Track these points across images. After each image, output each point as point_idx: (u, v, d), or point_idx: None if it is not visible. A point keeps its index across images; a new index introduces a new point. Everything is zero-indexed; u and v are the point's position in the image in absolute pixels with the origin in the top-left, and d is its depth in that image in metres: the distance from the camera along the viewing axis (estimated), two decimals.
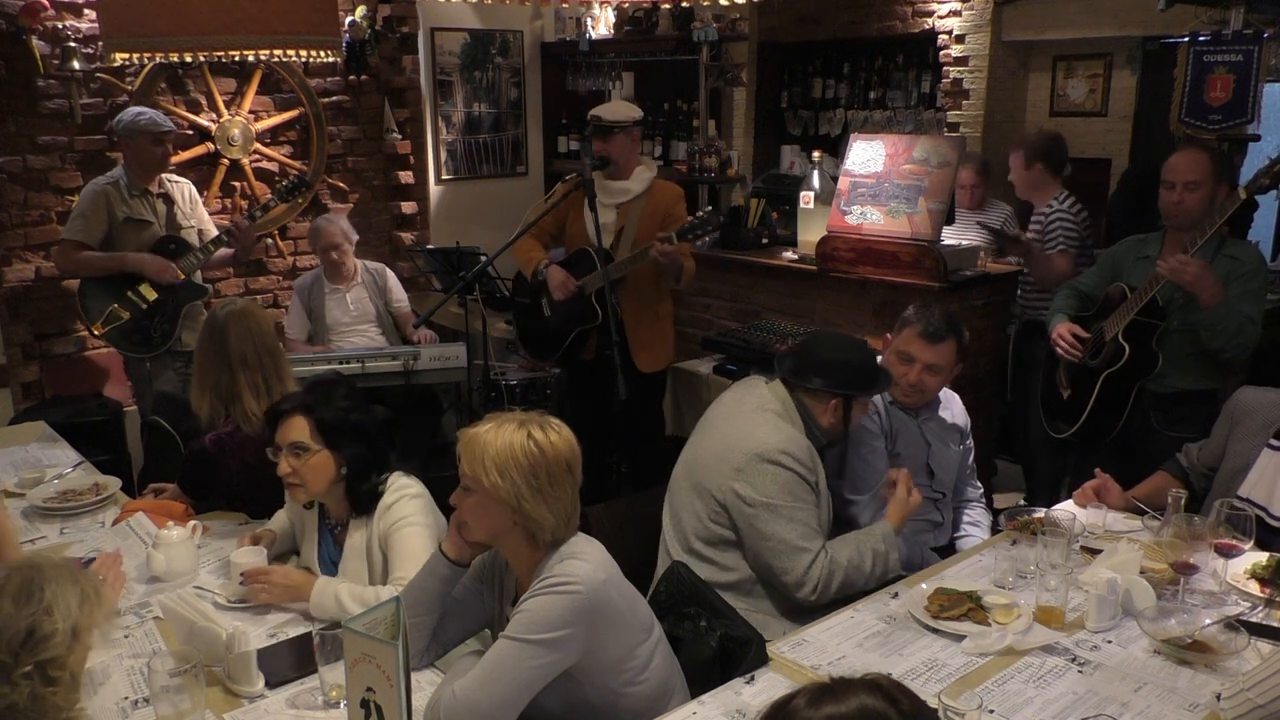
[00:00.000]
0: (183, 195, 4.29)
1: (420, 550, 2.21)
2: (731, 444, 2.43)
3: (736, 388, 2.66)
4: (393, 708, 1.63)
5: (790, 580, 2.34)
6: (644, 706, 1.91)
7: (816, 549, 2.35)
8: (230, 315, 2.83)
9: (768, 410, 2.48)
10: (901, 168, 4.19)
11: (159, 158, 4.14)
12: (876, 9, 5.98)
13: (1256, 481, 2.43)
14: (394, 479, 2.35)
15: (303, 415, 2.29)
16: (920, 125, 5.97)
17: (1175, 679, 1.90)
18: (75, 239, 4.06)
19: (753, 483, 2.36)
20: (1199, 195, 3.12)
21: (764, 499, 2.35)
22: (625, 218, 3.86)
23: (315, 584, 2.21)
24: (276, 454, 2.30)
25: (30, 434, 3.48)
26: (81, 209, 4.08)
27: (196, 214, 4.33)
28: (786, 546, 2.34)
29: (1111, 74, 5.59)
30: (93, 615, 1.46)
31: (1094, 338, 3.32)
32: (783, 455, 2.37)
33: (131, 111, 4.13)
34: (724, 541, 2.43)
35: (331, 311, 4.52)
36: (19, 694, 1.37)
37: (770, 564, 2.36)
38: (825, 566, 2.34)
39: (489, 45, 6.24)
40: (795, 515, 2.35)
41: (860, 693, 1.13)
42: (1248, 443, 2.50)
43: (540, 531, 1.85)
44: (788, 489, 2.36)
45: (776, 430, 2.42)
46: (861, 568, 2.38)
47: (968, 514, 2.95)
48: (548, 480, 1.82)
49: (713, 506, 2.43)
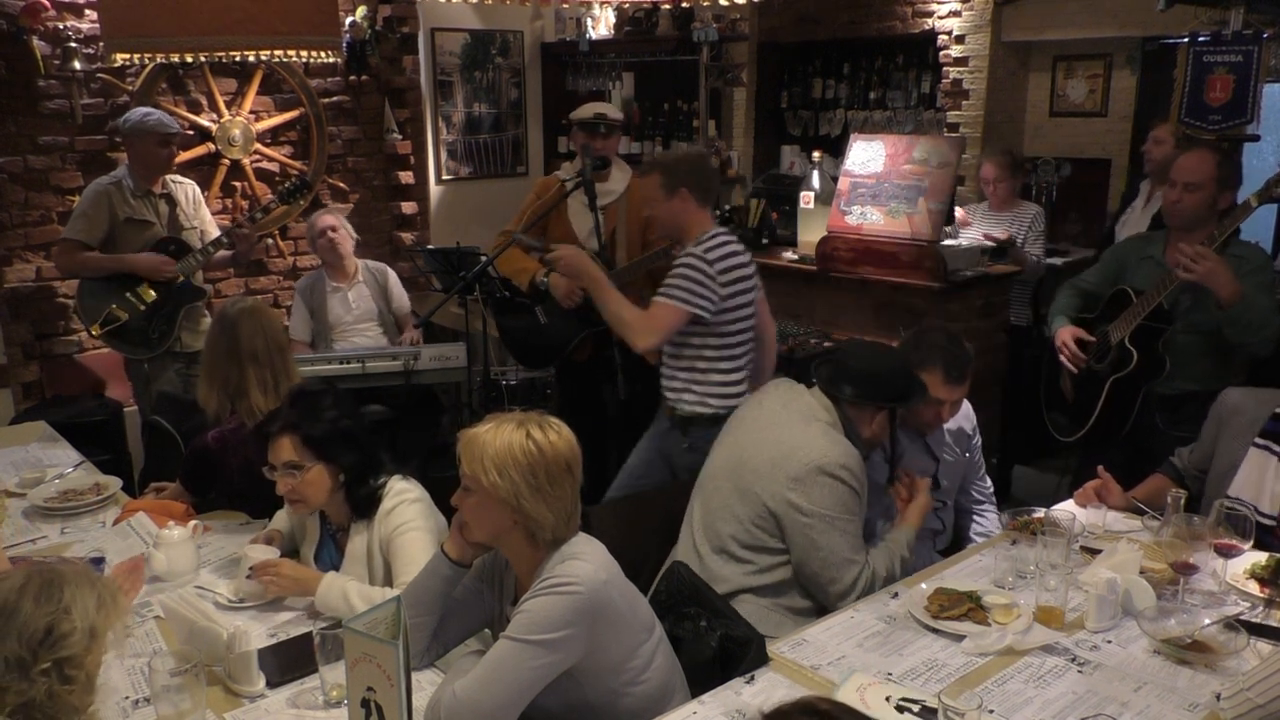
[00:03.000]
0: (186, 196, 4.29)
1: (422, 555, 2.21)
2: (787, 452, 2.41)
3: (775, 391, 2.64)
4: (393, 708, 1.63)
5: (836, 590, 2.37)
6: (645, 707, 1.91)
7: (863, 561, 2.39)
8: (242, 311, 2.85)
9: (819, 420, 2.47)
10: (901, 168, 4.20)
11: (164, 159, 4.15)
12: (876, 9, 5.99)
13: (1245, 480, 2.45)
14: (393, 483, 2.35)
15: (290, 435, 2.28)
16: (920, 125, 5.97)
17: (1175, 679, 1.90)
18: (76, 238, 4.05)
19: (810, 494, 2.36)
20: (1198, 197, 3.12)
21: (822, 510, 2.36)
22: (614, 219, 3.84)
23: (324, 578, 2.22)
24: (273, 473, 2.30)
25: (30, 434, 3.48)
26: (83, 209, 4.07)
27: (200, 215, 4.33)
28: (838, 558, 2.36)
29: (1111, 74, 5.60)
30: (109, 618, 1.48)
31: (1099, 341, 3.31)
32: (842, 470, 2.38)
33: (139, 112, 4.13)
34: (765, 548, 2.44)
35: (334, 309, 4.52)
36: (37, 690, 1.39)
37: (819, 573, 2.38)
38: (868, 577, 2.38)
39: (489, 45, 6.24)
40: (848, 528, 2.38)
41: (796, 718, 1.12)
42: (1236, 442, 2.52)
43: (540, 531, 1.85)
44: (843, 502, 2.38)
45: (835, 443, 2.42)
46: (893, 575, 2.43)
47: (978, 522, 2.94)
48: (547, 479, 1.82)
49: (760, 512, 2.42)
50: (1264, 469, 2.42)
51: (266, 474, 2.32)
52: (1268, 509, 2.39)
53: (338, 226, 4.51)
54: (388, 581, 2.27)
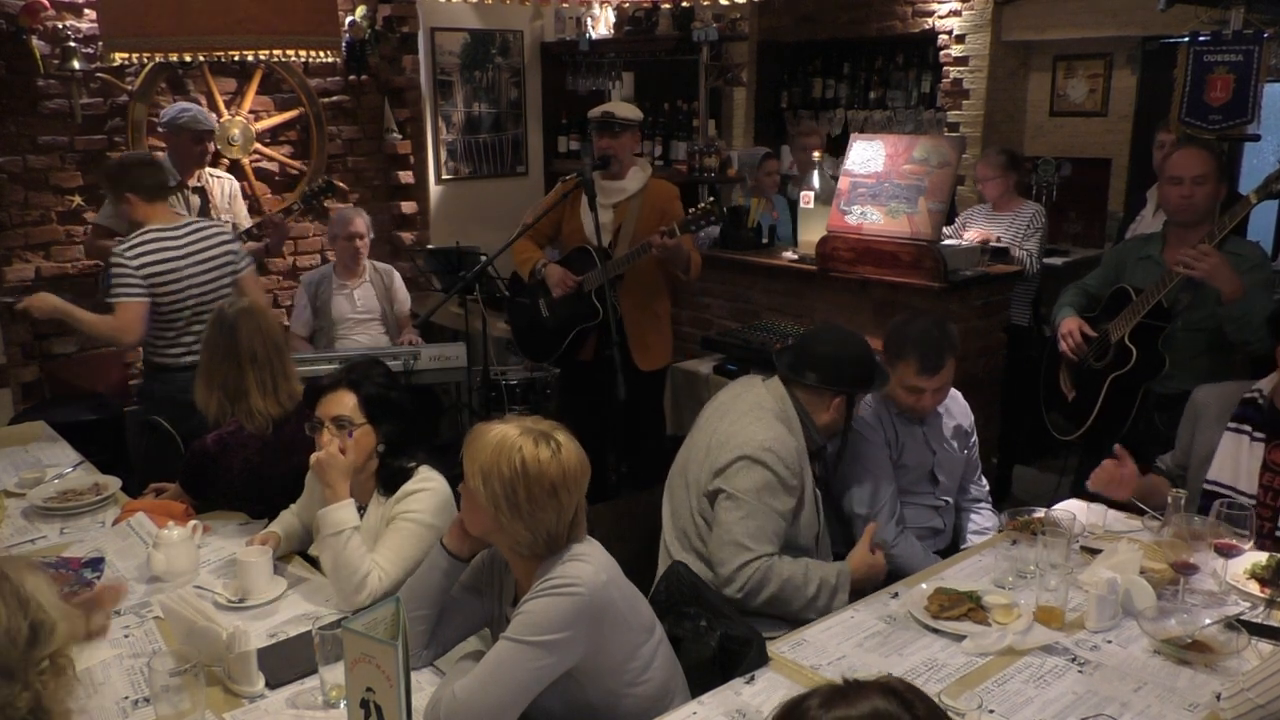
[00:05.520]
0: (222, 190, 4.44)
1: (408, 548, 2.25)
2: (722, 440, 2.43)
3: (733, 386, 2.65)
4: (393, 708, 1.63)
5: (722, 573, 2.33)
6: (645, 707, 1.91)
7: (760, 552, 2.32)
8: (240, 312, 2.85)
9: (763, 409, 2.47)
10: (901, 168, 4.19)
11: (198, 155, 4.31)
12: (876, 9, 5.99)
13: (1221, 463, 2.49)
14: (422, 469, 2.38)
15: (348, 390, 2.35)
16: (920, 125, 5.97)
17: (1175, 679, 1.90)
18: (103, 224, 4.22)
19: (729, 477, 2.36)
20: (1207, 190, 3.13)
21: (732, 489, 2.35)
22: (623, 216, 3.86)
23: (346, 500, 2.25)
24: (315, 429, 2.35)
25: (30, 434, 3.48)
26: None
27: (234, 209, 4.47)
28: (730, 539, 2.33)
29: (1111, 74, 5.60)
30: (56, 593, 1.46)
31: (1099, 339, 3.31)
32: (766, 453, 2.36)
33: (175, 108, 4.28)
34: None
35: (338, 307, 4.53)
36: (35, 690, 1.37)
37: (712, 553, 2.36)
38: (760, 571, 2.31)
39: (489, 45, 6.24)
40: (754, 514, 2.33)
41: (874, 695, 1.12)
42: (1209, 433, 2.57)
43: (517, 546, 1.84)
44: (758, 487, 2.35)
45: (767, 429, 2.41)
46: (803, 590, 2.33)
47: (974, 519, 2.94)
48: (526, 499, 1.79)
49: (701, 503, 2.44)
50: (1238, 450, 2.47)
51: (307, 430, 2.38)
52: (1245, 487, 2.43)
53: (365, 234, 4.55)
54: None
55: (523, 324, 4.15)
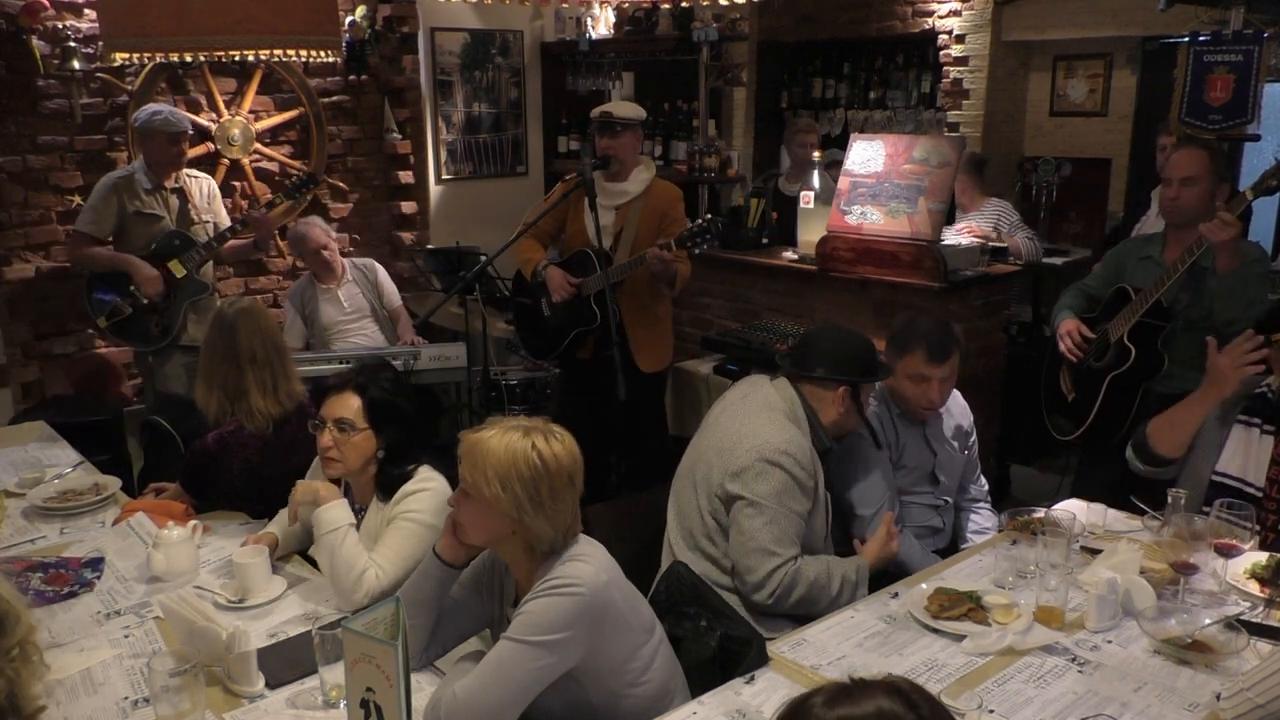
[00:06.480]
0: (201, 191, 4.37)
1: (408, 547, 2.25)
2: (734, 441, 2.42)
3: (740, 385, 2.65)
4: (393, 708, 1.63)
5: (751, 580, 2.33)
6: (645, 707, 1.90)
7: (787, 556, 2.33)
8: (240, 312, 2.85)
9: (774, 409, 2.47)
10: (901, 168, 4.20)
11: (174, 156, 4.22)
12: (876, 9, 5.99)
13: (1230, 457, 2.48)
14: (421, 470, 2.38)
15: (355, 393, 2.36)
16: (920, 125, 5.97)
17: (1175, 679, 1.90)
18: (85, 231, 4.17)
19: (747, 481, 2.35)
20: (1195, 191, 3.14)
21: (752, 495, 2.34)
22: (624, 218, 3.85)
23: (338, 500, 2.28)
24: (318, 428, 2.36)
25: (30, 434, 3.48)
26: (92, 202, 4.17)
27: (214, 209, 4.40)
28: (756, 545, 2.32)
29: (1111, 74, 5.60)
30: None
31: (1098, 339, 3.32)
32: (783, 456, 2.36)
33: (149, 109, 4.20)
34: (726, 539, 2.43)
35: (327, 311, 4.52)
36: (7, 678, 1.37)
37: (737, 560, 2.36)
38: (789, 575, 2.31)
39: (489, 45, 6.24)
40: (777, 519, 2.34)
41: (878, 695, 1.12)
42: (1210, 432, 2.54)
43: (538, 543, 1.84)
44: (778, 490, 2.35)
45: (781, 430, 2.41)
46: (828, 589, 2.35)
47: (974, 519, 2.94)
48: (549, 494, 1.80)
49: (713, 504, 2.43)
50: (1248, 443, 2.46)
51: (310, 428, 2.39)
52: (1254, 480, 2.43)
53: (328, 242, 4.53)
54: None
55: (525, 322, 4.16)
